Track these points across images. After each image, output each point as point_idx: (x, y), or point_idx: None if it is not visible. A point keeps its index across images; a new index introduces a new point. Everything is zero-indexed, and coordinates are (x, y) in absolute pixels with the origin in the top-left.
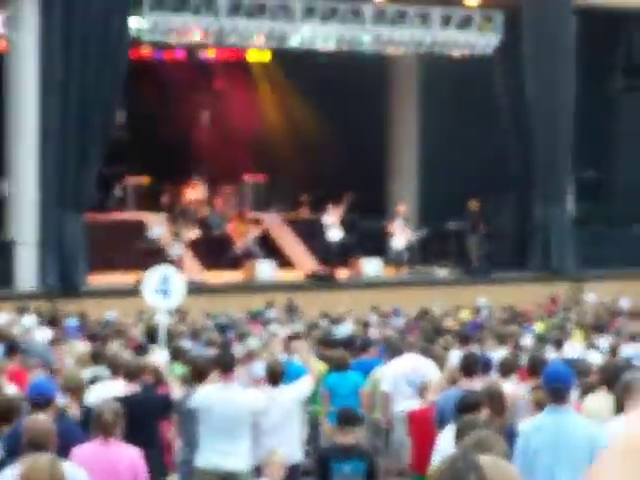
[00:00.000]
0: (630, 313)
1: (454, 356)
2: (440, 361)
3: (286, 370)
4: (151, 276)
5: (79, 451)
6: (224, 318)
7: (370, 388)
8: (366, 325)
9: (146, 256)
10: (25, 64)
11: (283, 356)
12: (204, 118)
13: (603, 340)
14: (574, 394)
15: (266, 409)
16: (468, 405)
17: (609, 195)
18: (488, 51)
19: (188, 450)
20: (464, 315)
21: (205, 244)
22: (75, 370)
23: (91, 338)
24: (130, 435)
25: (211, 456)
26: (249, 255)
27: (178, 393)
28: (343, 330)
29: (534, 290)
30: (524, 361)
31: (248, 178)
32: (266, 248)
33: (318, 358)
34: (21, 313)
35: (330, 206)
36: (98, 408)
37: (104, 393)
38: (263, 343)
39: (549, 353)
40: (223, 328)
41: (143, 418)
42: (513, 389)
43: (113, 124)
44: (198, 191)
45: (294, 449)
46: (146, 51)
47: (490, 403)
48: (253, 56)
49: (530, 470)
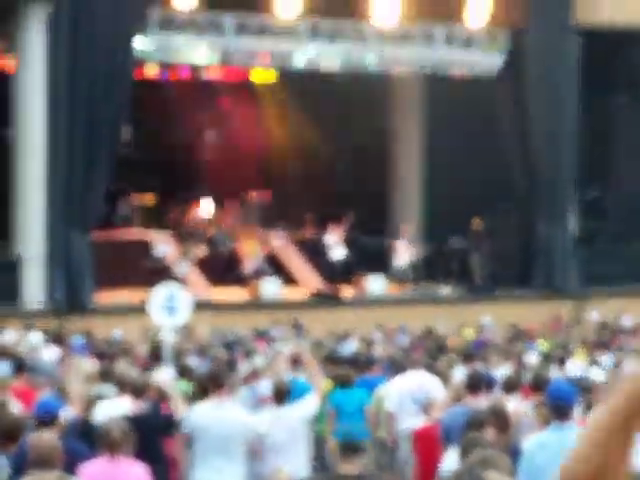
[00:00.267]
0: (633, 330)
1: (458, 374)
2: (444, 379)
3: (291, 388)
4: (157, 294)
5: (87, 468)
6: (230, 335)
7: (374, 406)
8: (370, 343)
9: (152, 274)
10: (32, 83)
11: (288, 374)
12: (209, 137)
13: (606, 358)
14: (577, 411)
15: (260, 431)
16: (473, 423)
17: (612, 213)
18: (492, 71)
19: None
20: (468, 333)
21: (211, 262)
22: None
23: (98, 356)
24: (136, 453)
25: (206, 474)
26: (258, 273)
27: (183, 411)
28: (348, 348)
29: (537, 308)
30: (527, 379)
31: (253, 196)
32: (271, 266)
33: (324, 376)
34: (27, 330)
35: (332, 226)
36: (106, 426)
37: (111, 410)
38: (268, 361)
39: (552, 371)
40: (229, 345)
41: (149, 435)
42: (516, 406)
43: (119, 142)
44: (204, 209)
45: (300, 467)
46: (152, 70)
47: (494, 421)
48: (258, 76)
49: None
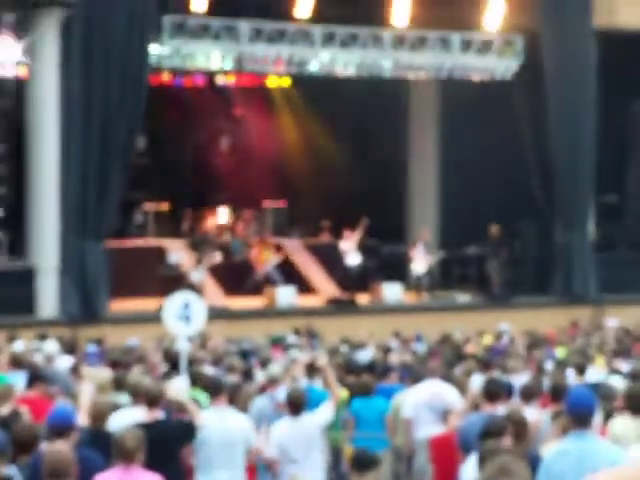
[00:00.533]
0: None
1: (476, 381)
2: (461, 387)
3: (308, 397)
4: (172, 302)
5: (101, 478)
6: (247, 344)
7: (392, 414)
8: (387, 351)
9: (167, 282)
10: (46, 91)
11: (304, 382)
12: (224, 144)
13: (625, 365)
14: (597, 419)
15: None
16: (491, 431)
17: (631, 219)
18: (508, 76)
19: None
20: (486, 340)
21: (226, 269)
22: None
23: (112, 365)
24: (151, 462)
25: None
26: (269, 281)
27: (201, 419)
28: (364, 356)
29: (555, 315)
30: (546, 386)
31: (269, 203)
32: (287, 274)
33: (340, 384)
34: (42, 340)
35: (346, 232)
36: (120, 435)
37: (125, 420)
38: (285, 368)
39: (571, 378)
40: (245, 354)
41: (164, 445)
42: (535, 415)
43: (134, 150)
44: (219, 217)
45: (317, 476)
46: (166, 77)
47: (512, 429)
48: (273, 82)
49: None
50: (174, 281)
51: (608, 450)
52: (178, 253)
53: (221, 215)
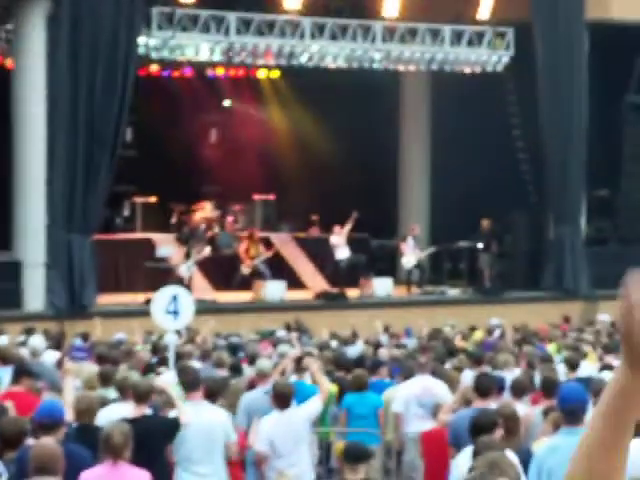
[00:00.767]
0: None
1: (467, 376)
2: (452, 382)
3: (296, 391)
4: (160, 296)
5: (88, 475)
6: (236, 338)
7: (382, 409)
8: (377, 346)
9: (155, 276)
10: (32, 81)
11: (293, 377)
12: (213, 136)
13: (617, 361)
14: (589, 415)
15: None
16: (483, 426)
17: (623, 213)
18: (499, 68)
19: None
20: (478, 335)
21: (215, 264)
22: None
23: (99, 359)
24: (137, 457)
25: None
26: (257, 276)
27: (186, 415)
28: (353, 350)
29: (547, 310)
30: (537, 382)
31: (258, 197)
32: (276, 268)
33: (329, 379)
34: (28, 334)
35: (336, 226)
36: (107, 430)
37: (112, 415)
38: (274, 363)
39: (563, 374)
40: (234, 349)
41: (151, 440)
42: (526, 410)
43: (121, 143)
44: (207, 210)
45: (305, 471)
46: (154, 69)
47: (504, 424)
48: (262, 74)
49: None
50: (162, 275)
51: None
52: (166, 247)
53: (209, 208)
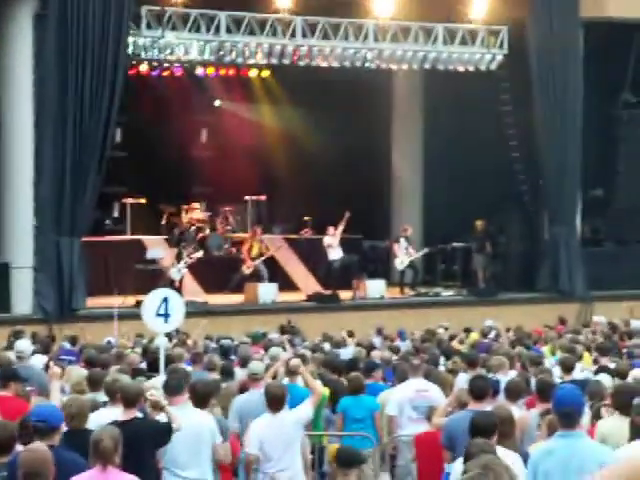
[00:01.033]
0: None
1: (462, 379)
2: (445, 384)
3: (289, 394)
4: (150, 299)
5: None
6: (227, 341)
7: (378, 412)
8: (370, 348)
9: (145, 278)
10: (19, 82)
11: (285, 380)
12: (204, 136)
13: (613, 363)
14: (586, 417)
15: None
16: (485, 427)
17: (618, 214)
18: (493, 66)
19: None
20: (471, 337)
21: (205, 265)
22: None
23: (89, 363)
24: (127, 461)
25: None
26: (256, 277)
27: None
28: (346, 353)
29: (542, 311)
30: (533, 384)
31: (249, 198)
32: (269, 269)
33: (322, 382)
34: (16, 338)
35: (330, 227)
36: (96, 435)
37: (102, 420)
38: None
39: (557, 376)
40: (225, 352)
41: (141, 445)
42: (521, 413)
43: (110, 143)
44: (198, 211)
45: (297, 474)
46: (144, 68)
47: (499, 426)
48: (253, 73)
49: None
50: (153, 277)
51: (595, 450)
52: (157, 249)
53: (200, 210)
